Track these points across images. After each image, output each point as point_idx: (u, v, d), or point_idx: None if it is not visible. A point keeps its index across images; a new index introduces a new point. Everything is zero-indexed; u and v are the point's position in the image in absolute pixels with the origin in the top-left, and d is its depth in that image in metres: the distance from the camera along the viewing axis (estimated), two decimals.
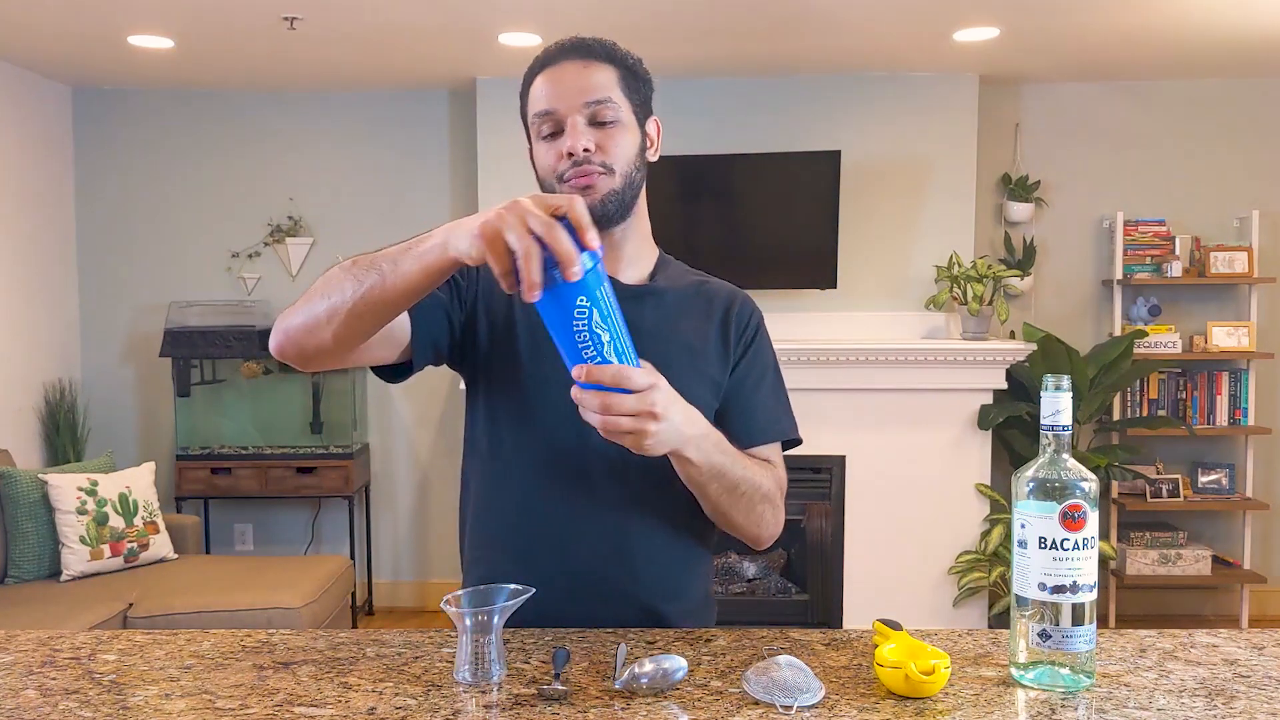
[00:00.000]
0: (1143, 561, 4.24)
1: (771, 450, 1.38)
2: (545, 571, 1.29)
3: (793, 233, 4.21)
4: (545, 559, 1.31)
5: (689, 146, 4.10)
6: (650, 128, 1.36)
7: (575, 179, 1.27)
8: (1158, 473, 4.34)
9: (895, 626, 1.12)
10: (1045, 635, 1.06)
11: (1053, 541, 1.05)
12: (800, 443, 1.42)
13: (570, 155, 1.26)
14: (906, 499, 4.07)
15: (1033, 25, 3.55)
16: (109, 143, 4.56)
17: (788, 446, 1.41)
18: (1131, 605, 4.46)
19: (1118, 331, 4.31)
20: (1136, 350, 4.13)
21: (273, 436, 4.41)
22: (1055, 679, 1.06)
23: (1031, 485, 1.07)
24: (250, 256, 4.57)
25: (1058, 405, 1.07)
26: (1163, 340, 4.25)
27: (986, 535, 4.02)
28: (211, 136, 4.56)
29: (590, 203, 1.22)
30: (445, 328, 1.32)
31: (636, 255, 1.38)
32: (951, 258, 4.12)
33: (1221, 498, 4.36)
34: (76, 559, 3.52)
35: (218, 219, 4.57)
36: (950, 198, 4.25)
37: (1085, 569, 1.05)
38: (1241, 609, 4.34)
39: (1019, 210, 4.38)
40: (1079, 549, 1.05)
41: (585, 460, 1.30)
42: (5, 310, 4.08)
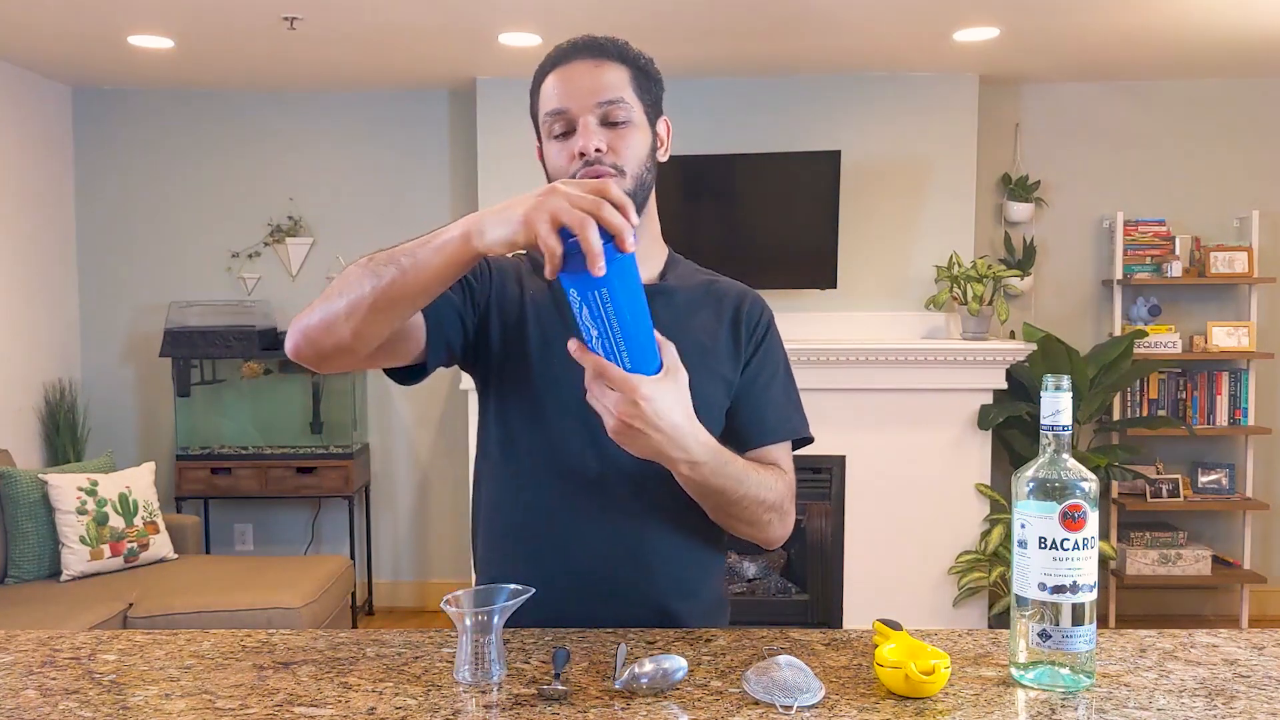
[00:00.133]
0: (1143, 561, 4.24)
1: (781, 450, 1.37)
2: (559, 572, 1.29)
3: (793, 233, 4.21)
4: (559, 560, 1.31)
5: (689, 146, 4.08)
6: (660, 128, 1.35)
7: (586, 179, 1.27)
8: (1158, 473, 4.34)
9: (895, 626, 1.12)
10: (1045, 635, 1.06)
11: (1053, 541, 1.05)
12: (812, 440, 1.41)
13: (582, 155, 1.26)
14: (906, 499, 4.07)
15: (1033, 25, 3.55)
16: (109, 143, 4.56)
17: (800, 444, 1.41)
18: (1131, 605, 4.46)
19: (1118, 331, 4.31)
20: (1136, 350, 4.13)
21: (273, 436, 4.41)
22: (1055, 679, 1.06)
23: (1031, 485, 1.07)
24: (250, 256, 4.57)
25: (1058, 405, 1.07)
26: (1163, 340, 4.25)
27: (986, 535, 4.02)
28: (211, 136, 4.56)
29: None
30: (459, 328, 1.32)
31: (646, 255, 1.37)
32: (951, 258, 4.12)
33: (1221, 498, 4.36)
34: (76, 559, 3.52)
35: (218, 219, 4.57)
36: (950, 198, 4.25)
37: (1085, 569, 1.05)
38: (1241, 609, 4.34)
39: (1019, 210, 4.38)
40: (1079, 549, 1.05)
41: (598, 461, 1.30)
42: (5, 310, 4.08)
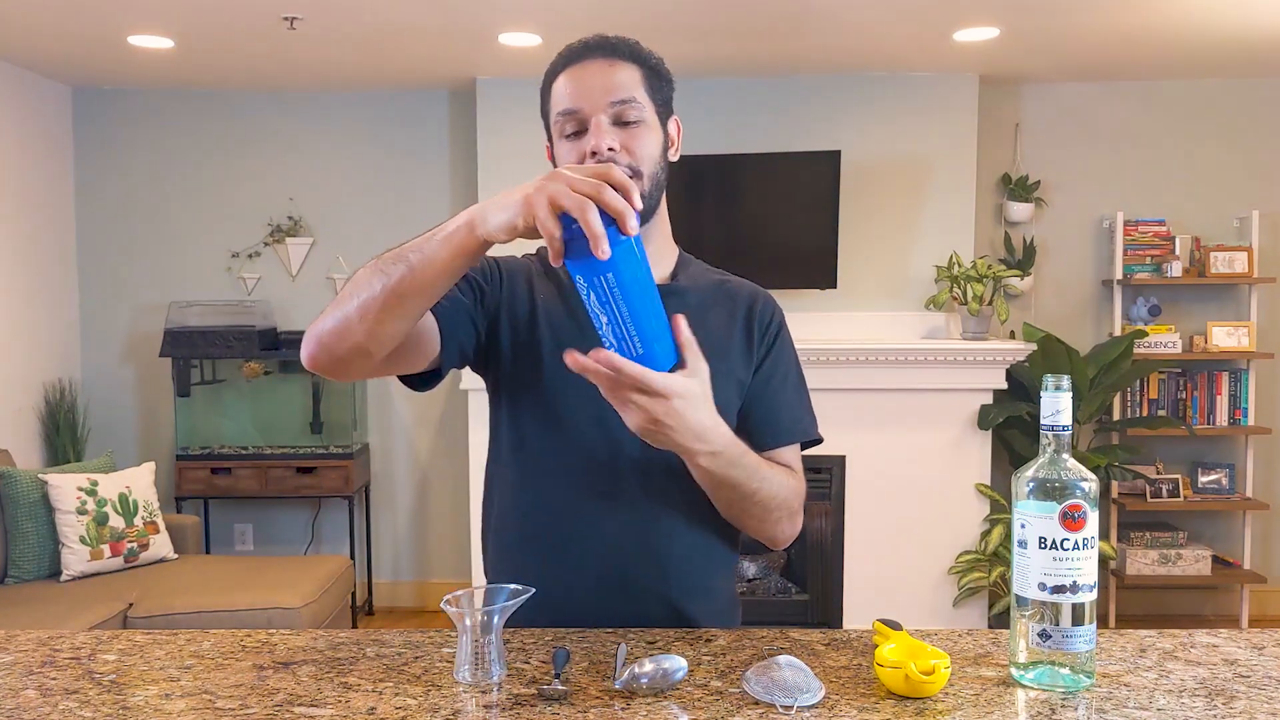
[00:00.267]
0: (1143, 561, 4.24)
1: (792, 452, 1.37)
2: (573, 572, 1.29)
3: (793, 233, 4.21)
4: (573, 560, 1.31)
5: (689, 146, 3.98)
6: (671, 127, 1.35)
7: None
8: (1158, 473, 4.34)
9: (895, 626, 1.12)
10: (1045, 635, 1.06)
11: (1053, 541, 1.05)
12: (821, 441, 1.41)
13: (594, 155, 1.25)
14: (906, 499, 4.06)
15: (1033, 25, 3.55)
16: (109, 143, 4.56)
17: (809, 445, 1.41)
18: (1131, 605, 4.46)
19: (1118, 331, 4.31)
20: (1136, 350, 4.13)
21: (273, 436, 4.41)
22: (1055, 679, 1.06)
23: (1031, 485, 1.07)
24: (250, 256, 4.57)
25: (1058, 405, 1.07)
26: (1163, 340, 4.25)
27: (986, 535, 4.02)
28: (211, 136, 4.56)
29: None
30: (471, 331, 1.31)
31: (658, 255, 1.36)
32: (951, 258, 4.12)
33: (1221, 498, 4.36)
34: (76, 559, 3.52)
35: (218, 219, 4.57)
36: (950, 198, 4.25)
37: (1085, 569, 1.05)
38: (1241, 609, 4.34)
39: (1019, 210, 4.38)
40: (1079, 549, 1.05)
41: (612, 461, 1.29)
42: (5, 310, 4.07)
